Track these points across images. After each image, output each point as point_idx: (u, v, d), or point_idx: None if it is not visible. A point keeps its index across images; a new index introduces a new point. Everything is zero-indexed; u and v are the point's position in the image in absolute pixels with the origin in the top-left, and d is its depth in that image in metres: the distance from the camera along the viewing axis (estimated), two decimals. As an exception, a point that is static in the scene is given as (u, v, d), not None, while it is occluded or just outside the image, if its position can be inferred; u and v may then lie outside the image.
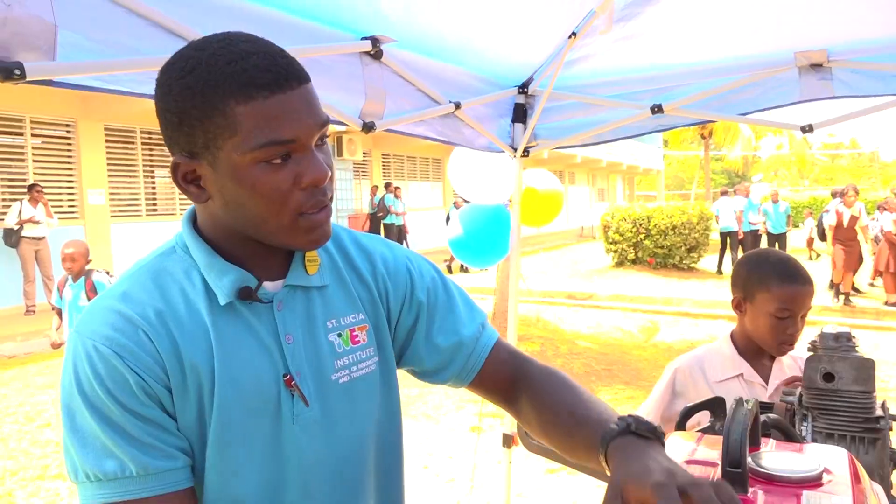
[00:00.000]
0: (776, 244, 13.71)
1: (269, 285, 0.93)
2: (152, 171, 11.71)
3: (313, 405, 0.93)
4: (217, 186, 0.85)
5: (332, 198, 0.91)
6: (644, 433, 0.81)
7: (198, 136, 0.82)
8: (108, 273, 4.67)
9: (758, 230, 13.72)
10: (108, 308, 0.86)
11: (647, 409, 1.87)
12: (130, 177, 11.13)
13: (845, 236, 10.35)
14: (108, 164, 10.64)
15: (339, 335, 0.97)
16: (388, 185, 15.34)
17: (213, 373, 0.87)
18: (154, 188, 11.79)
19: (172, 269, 0.91)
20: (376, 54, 1.99)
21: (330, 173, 0.88)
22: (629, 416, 0.86)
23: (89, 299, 4.44)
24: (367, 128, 2.13)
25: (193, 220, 0.94)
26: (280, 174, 0.83)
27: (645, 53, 2.39)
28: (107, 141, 10.59)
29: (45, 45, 1.27)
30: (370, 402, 1.00)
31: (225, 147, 0.82)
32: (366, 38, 1.97)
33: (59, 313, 4.73)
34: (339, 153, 15.12)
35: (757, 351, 1.79)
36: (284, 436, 0.91)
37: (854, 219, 10.29)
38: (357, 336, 0.99)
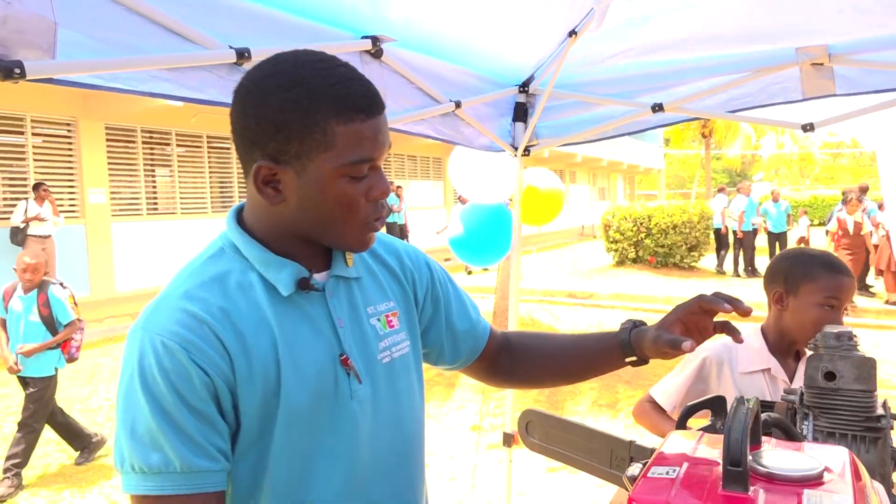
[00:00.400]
0: (776, 243, 13.67)
1: (316, 276, 1.02)
2: (153, 171, 11.72)
3: (364, 383, 1.03)
4: (298, 191, 0.93)
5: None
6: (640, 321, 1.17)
7: (292, 146, 0.91)
8: (62, 285, 4.38)
9: (756, 229, 13.69)
10: (173, 307, 0.92)
11: (670, 390, 1.86)
12: (131, 176, 11.13)
13: (851, 243, 9.85)
14: (109, 163, 10.64)
15: (378, 320, 1.08)
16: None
17: (277, 360, 0.94)
18: (155, 187, 11.79)
19: (228, 269, 0.97)
20: (376, 53, 1.99)
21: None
22: (626, 321, 1.19)
23: (41, 314, 4.21)
24: (368, 127, 2.12)
25: (238, 220, 1.02)
26: (357, 186, 0.94)
27: (645, 51, 2.39)
28: (107, 140, 10.59)
29: (45, 43, 1.27)
30: (407, 379, 1.12)
31: (317, 159, 0.91)
32: (366, 38, 1.97)
33: (4, 325, 4.34)
34: (340, 152, 15.10)
35: (787, 348, 1.79)
36: (342, 412, 1.00)
37: (858, 225, 9.82)
38: (392, 321, 1.10)
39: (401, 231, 14.93)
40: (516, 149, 2.85)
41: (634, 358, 1.16)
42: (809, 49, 2.19)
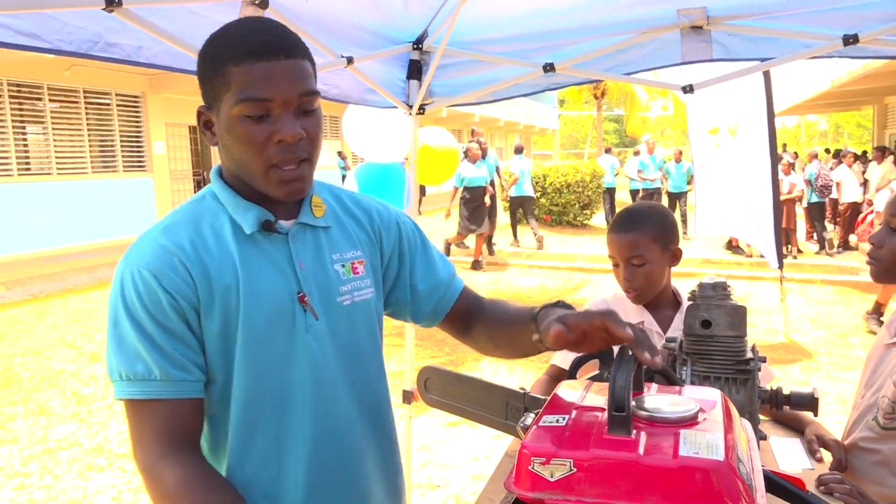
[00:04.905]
0: (676, 202, 13.44)
1: (283, 222, 1.14)
2: (23, 127, 10.82)
3: (322, 320, 1.15)
4: (219, 133, 1.07)
5: (310, 159, 1.08)
6: (568, 304, 1.16)
7: (209, 91, 1.05)
8: None
9: (659, 188, 13.77)
10: (151, 239, 1.07)
11: (568, 354, 1.93)
12: (-2, 133, 10.26)
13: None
14: (-29, 120, 9.76)
15: (343, 266, 1.19)
16: None
17: (238, 290, 1.07)
18: (26, 145, 10.90)
19: (204, 211, 1.12)
20: (261, 4, 1.89)
21: (302, 134, 1.04)
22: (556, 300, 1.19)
23: None
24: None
25: (220, 174, 1.15)
26: (257, 128, 1.02)
27: (537, 10, 2.40)
28: (-32, 94, 9.69)
29: None
30: (367, 322, 1.23)
31: (223, 100, 1.03)
32: (250, -14, 1.87)
33: None
34: (231, 110, 14.46)
35: (657, 302, 1.88)
36: (298, 342, 1.12)
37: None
38: (357, 268, 1.21)
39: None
40: (411, 107, 2.83)
41: (538, 336, 1.15)
42: (689, 11, 2.28)
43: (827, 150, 15.02)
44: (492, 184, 10.69)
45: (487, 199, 10.30)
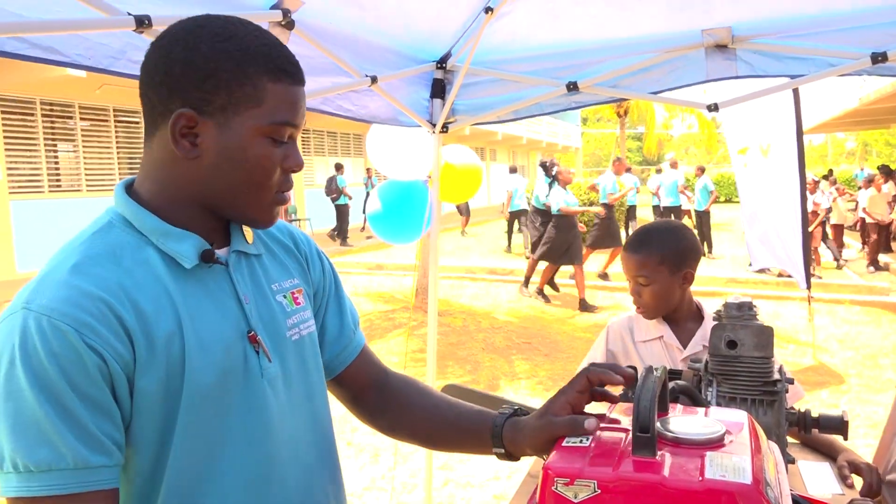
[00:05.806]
0: (700, 220, 12.91)
1: (217, 251, 0.96)
2: (55, 145, 11.06)
3: (274, 361, 0.98)
4: (216, 147, 0.88)
5: None
6: (525, 411, 1.03)
7: (219, 97, 0.86)
8: None
9: (679, 206, 13.53)
10: (61, 282, 0.82)
11: (590, 361, 1.95)
12: (30, 151, 10.49)
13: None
14: (6, 137, 10.00)
15: (284, 297, 1.03)
16: (338, 167, 15.07)
17: (182, 337, 0.87)
18: (57, 163, 11.14)
19: (120, 243, 0.90)
20: (287, 24, 1.92)
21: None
22: (506, 406, 1.06)
23: None
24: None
25: (129, 193, 0.94)
26: (276, 151, 0.91)
27: (561, 29, 2.41)
28: (2, 112, 9.93)
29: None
30: (315, 358, 1.08)
31: (244, 114, 0.88)
32: (275, 8, 1.89)
33: None
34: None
35: (676, 316, 1.89)
36: (253, 392, 0.95)
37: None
38: (297, 298, 1.06)
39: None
40: (434, 125, 2.84)
41: (503, 451, 1.02)
42: (714, 31, 2.27)
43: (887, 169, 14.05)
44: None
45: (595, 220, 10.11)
